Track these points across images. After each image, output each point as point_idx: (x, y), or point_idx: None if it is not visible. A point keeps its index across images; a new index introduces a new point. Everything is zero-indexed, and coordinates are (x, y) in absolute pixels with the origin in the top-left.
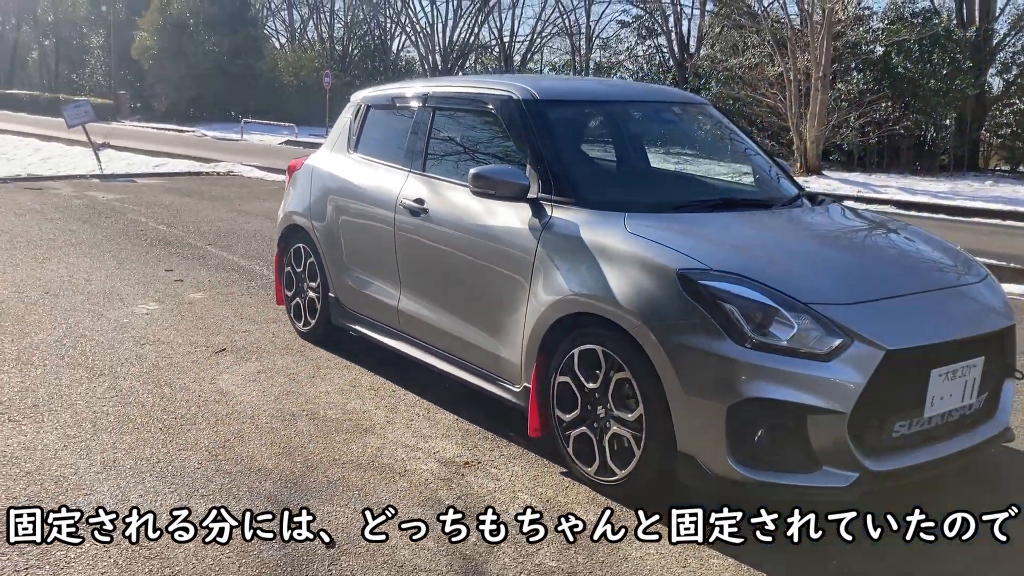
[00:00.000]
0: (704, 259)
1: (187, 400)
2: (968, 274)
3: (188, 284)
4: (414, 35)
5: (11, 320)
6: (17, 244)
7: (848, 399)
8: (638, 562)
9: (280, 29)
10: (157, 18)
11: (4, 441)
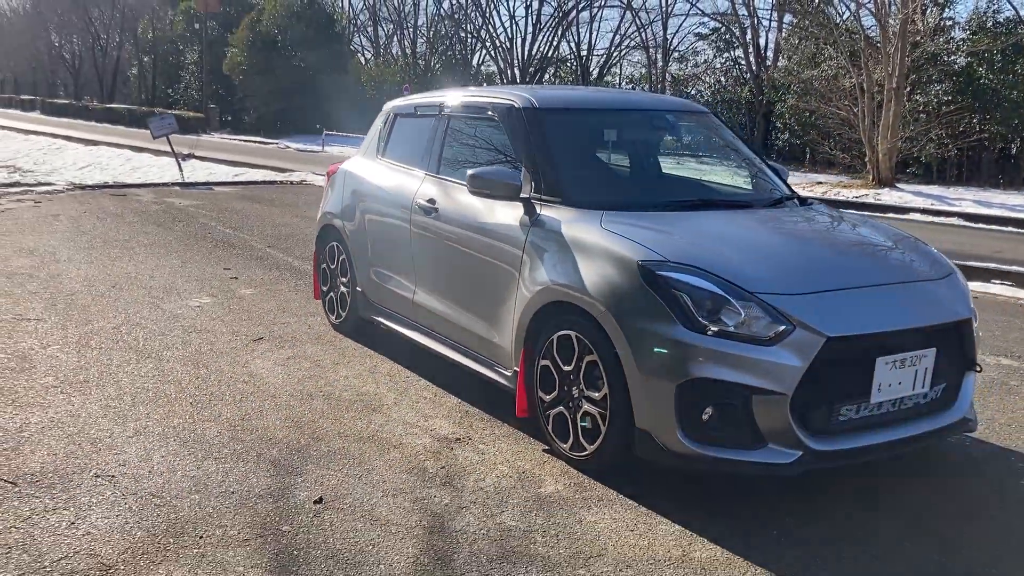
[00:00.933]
0: (664, 252)
1: (219, 380)
2: (929, 271)
3: (241, 281)
4: (493, 50)
5: (78, 309)
6: (95, 244)
7: (790, 381)
8: (591, 525)
9: (366, 44)
10: (247, 35)
11: (55, 409)
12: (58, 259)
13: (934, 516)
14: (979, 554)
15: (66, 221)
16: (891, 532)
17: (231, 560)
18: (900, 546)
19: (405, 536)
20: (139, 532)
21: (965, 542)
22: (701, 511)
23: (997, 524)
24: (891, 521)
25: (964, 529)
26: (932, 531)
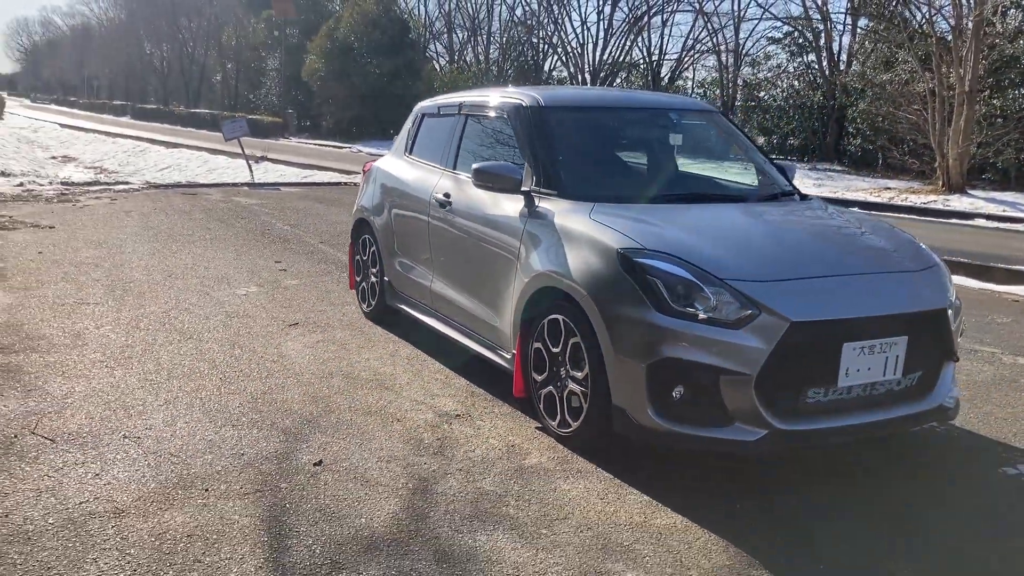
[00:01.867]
0: (643, 240)
1: (250, 359)
2: (907, 263)
3: (289, 273)
4: (565, 55)
5: (134, 295)
6: (159, 238)
7: (754, 363)
8: (563, 492)
9: (441, 51)
10: (325, 42)
11: (98, 380)
12: (123, 251)
13: (900, 499)
14: (936, 536)
15: (137, 217)
16: (851, 511)
17: (229, 509)
18: (858, 524)
19: (390, 496)
20: (152, 484)
21: (926, 524)
22: (672, 484)
23: (962, 509)
24: (854, 501)
25: (928, 512)
26: (895, 513)
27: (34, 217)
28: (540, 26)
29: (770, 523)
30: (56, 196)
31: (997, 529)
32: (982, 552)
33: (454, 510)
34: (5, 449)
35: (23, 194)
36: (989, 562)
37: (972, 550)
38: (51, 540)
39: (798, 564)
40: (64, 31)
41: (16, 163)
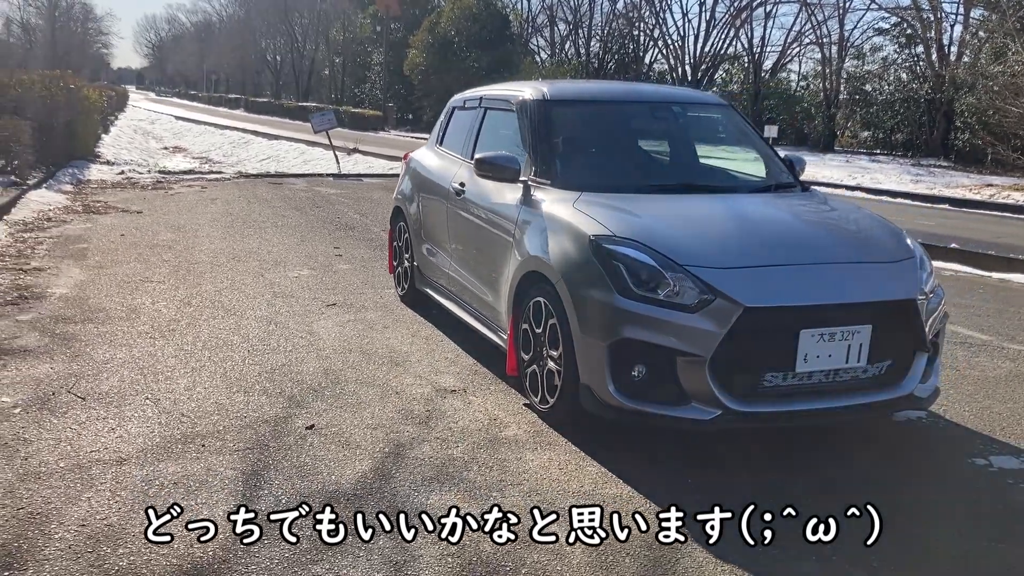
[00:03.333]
0: (614, 228)
1: (280, 335)
2: (881, 255)
3: (344, 258)
4: (665, 48)
5: (194, 276)
6: (235, 224)
7: (708, 346)
8: (526, 462)
9: (543, 45)
10: (426, 37)
11: (139, 349)
12: (198, 235)
13: (854, 481)
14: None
15: (220, 204)
16: (800, 490)
17: (217, 463)
18: (803, 502)
19: (365, 458)
20: (158, 439)
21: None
22: (633, 459)
23: (913, 494)
24: (807, 481)
25: (876, 495)
26: (843, 493)
27: (126, 203)
28: (641, 19)
29: (714, 497)
30: (152, 184)
31: (937, 513)
32: (915, 534)
33: (418, 472)
34: (41, 404)
35: (123, 181)
36: (916, 543)
37: (908, 532)
38: (57, 480)
39: (726, 535)
40: (188, 27)
41: (127, 153)
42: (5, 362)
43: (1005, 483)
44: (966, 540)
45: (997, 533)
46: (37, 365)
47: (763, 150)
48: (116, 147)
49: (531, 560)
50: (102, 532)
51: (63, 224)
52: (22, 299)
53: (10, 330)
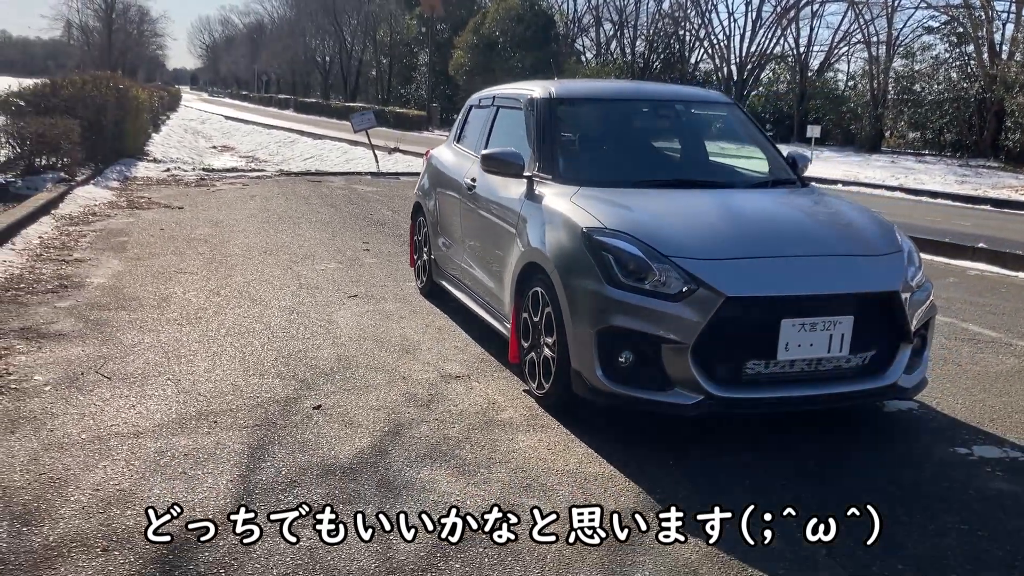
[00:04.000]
0: (606, 220)
1: (301, 323)
2: (865, 248)
3: (371, 252)
4: (710, 47)
5: (226, 268)
6: (270, 219)
7: (690, 333)
8: (517, 442)
9: (588, 45)
10: (471, 37)
11: (166, 335)
12: (234, 230)
13: (833, 467)
14: (842, 498)
15: (259, 200)
16: (779, 474)
17: (226, 438)
18: (782, 485)
19: (365, 436)
20: (174, 415)
21: (840, 486)
22: (621, 441)
23: (889, 478)
24: (785, 465)
25: (854, 478)
26: (820, 477)
27: (169, 199)
28: (687, 19)
29: (693, 477)
30: (195, 181)
31: (907, 497)
32: (881, 514)
33: (413, 450)
34: (70, 383)
35: (168, 179)
36: (892, 526)
37: (902, 522)
38: (78, 450)
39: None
40: (240, 29)
41: (176, 151)
42: (41, 344)
43: (983, 471)
44: (930, 522)
45: (962, 517)
46: (70, 348)
47: (765, 147)
48: (165, 145)
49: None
50: (114, 496)
51: (107, 218)
52: (62, 288)
53: (48, 316)
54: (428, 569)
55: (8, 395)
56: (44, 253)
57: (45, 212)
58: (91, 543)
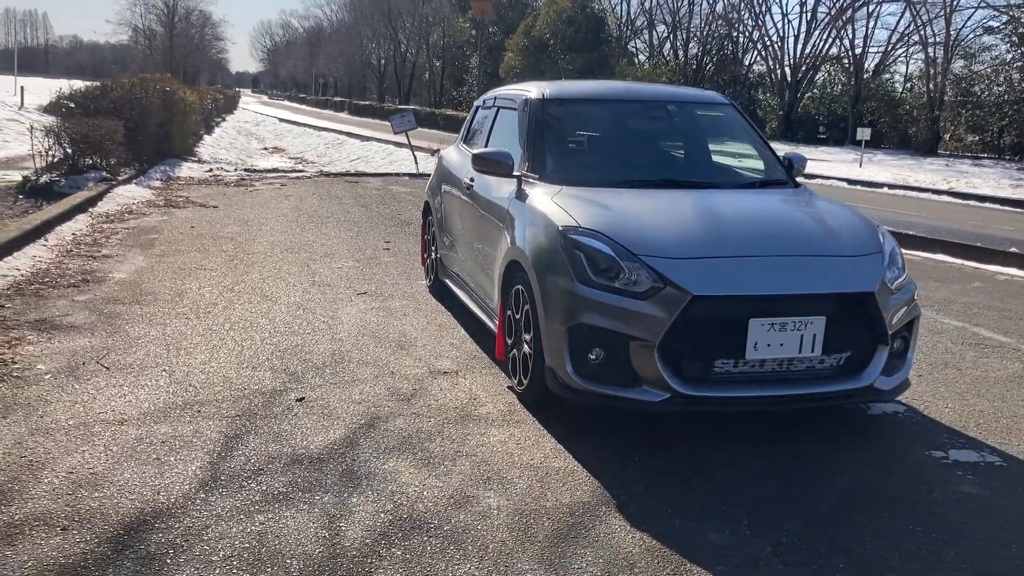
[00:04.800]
0: (581, 220)
1: (305, 319)
2: (842, 248)
3: (390, 252)
4: (764, 49)
5: (246, 265)
6: (299, 219)
7: (656, 331)
8: (489, 436)
9: (641, 47)
10: (522, 40)
11: (172, 328)
12: (262, 228)
13: (804, 467)
14: (808, 501)
15: (293, 200)
16: (746, 474)
17: (205, 427)
18: (747, 484)
19: (340, 427)
20: (161, 404)
21: (803, 487)
22: (590, 437)
23: (858, 480)
24: (756, 466)
25: (816, 478)
26: (787, 476)
27: (206, 198)
28: (740, 20)
29: (654, 475)
30: (235, 181)
31: (870, 497)
32: (840, 513)
33: (384, 442)
34: (70, 372)
35: (209, 179)
36: (836, 522)
37: (833, 512)
38: (62, 436)
39: (649, 507)
40: (300, 32)
41: (225, 152)
42: (51, 336)
43: (953, 474)
44: (885, 524)
45: (919, 520)
46: (78, 339)
47: (761, 148)
48: (215, 147)
49: (456, 519)
50: (85, 479)
51: (141, 216)
52: (84, 282)
53: (65, 308)
54: (370, 555)
55: (8, 383)
56: (74, 249)
57: (82, 210)
58: (53, 522)
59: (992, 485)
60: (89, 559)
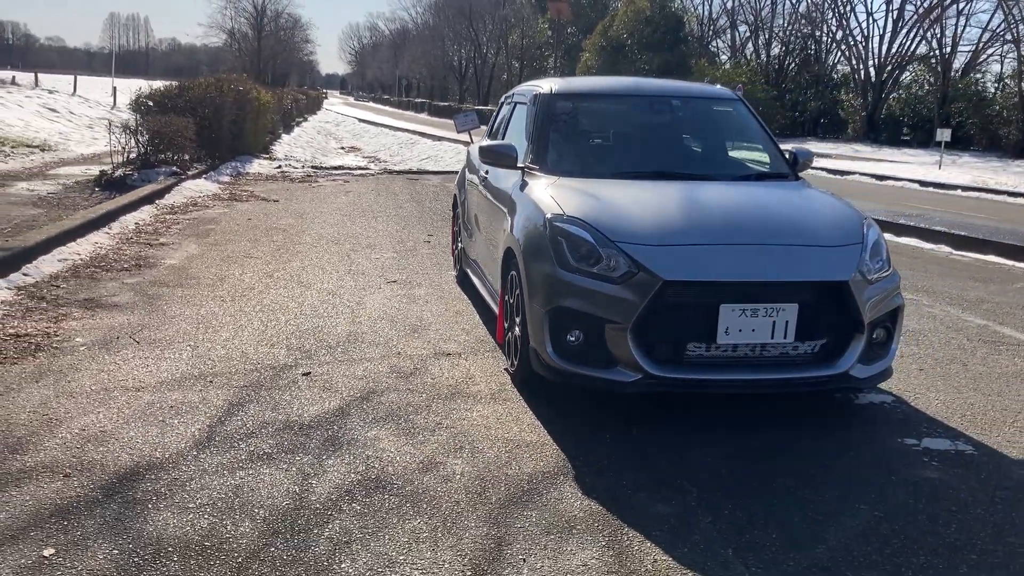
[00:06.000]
0: (567, 208)
1: (332, 304)
2: (822, 239)
3: (430, 244)
4: (847, 49)
5: (290, 254)
6: (353, 213)
7: (630, 315)
8: (473, 412)
9: (723, 47)
10: (599, 40)
11: (206, 309)
12: (314, 221)
13: (763, 448)
14: (771, 483)
15: (351, 196)
16: (708, 455)
17: (212, 395)
18: (705, 464)
19: (336, 400)
20: (178, 374)
21: (765, 468)
22: (568, 416)
23: (824, 459)
24: (721, 445)
25: (779, 459)
26: (749, 456)
27: (269, 193)
28: (824, 20)
29: (620, 451)
30: (301, 178)
31: (832, 479)
32: (798, 494)
33: (373, 413)
34: (103, 345)
35: (277, 175)
36: (791, 501)
37: (790, 491)
38: (83, 399)
39: (606, 479)
40: (386, 35)
41: (301, 151)
42: (95, 313)
43: (919, 460)
44: (835, 503)
45: (870, 500)
46: (118, 316)
47: (765, 142)
48: (291, 145)
49: (419, 482)
50: (94, 435)
51: (204, 209)
52: (136, 267)
53: (113, 289)
54: (331, 508)
55: (47, 352)
56: (134, 237)
57: (148, 202)
58: (57, 470)
59: (953, 471)
60: (81, 502)
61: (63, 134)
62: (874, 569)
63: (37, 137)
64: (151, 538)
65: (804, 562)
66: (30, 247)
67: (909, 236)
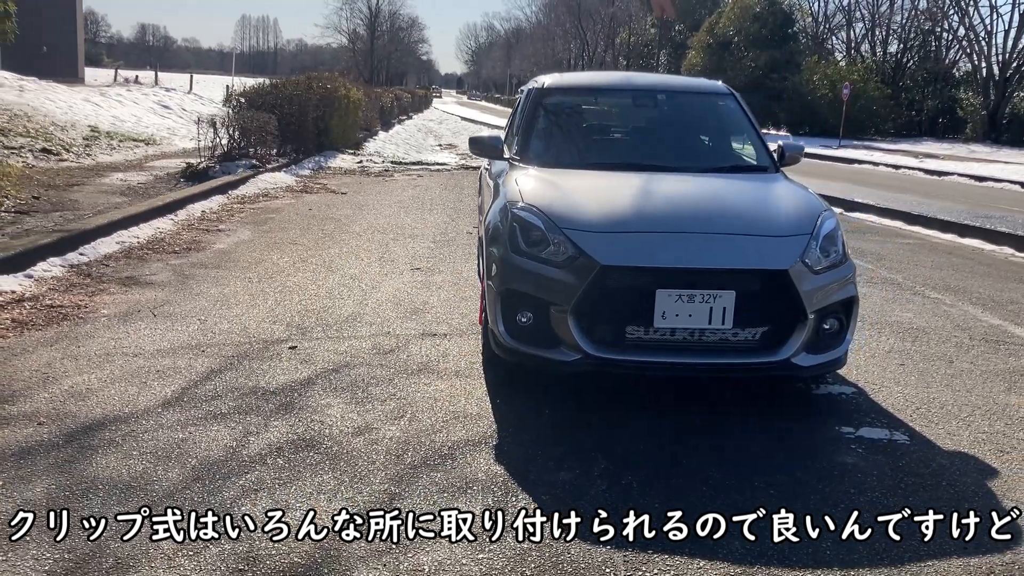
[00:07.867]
0: (527, 196)
1: (349, 287)
2: (770, 229)
3: (473, 235)
4: (969, 45)
5: (332, 242)
6: (411, 206)
7: (568, 297)
8: (431, 387)
9: (837, 44)
10: (705, 37)
11: (231, 287)
12: (370, 212)
13: (692, 429)
14: (703, 469)
15: (418, 190)
16: (641, 439)
17: (200, 363)
18: (648, 447)
19: (308, 371)
20: (178, 344)
21: (687, 450)
22: (520, 394)
23: (740, 445)
24: (661, 429)
25: (704, 442)
26: (684, 440)
27: (340, 186)
28: (945, 16)
29: (551, 428)
30: (377, 172)
31: (745, 461)
32: (705, 472)
33: (336, 383)
34: (123, 317)
35: (355, 169)
36: (697, 477)
37: (698, 470)
38: (84, 361)
39: (523, 451)
40: (501, 34)
41: (394, 148)
42: (129, 289)
43: (846, 448)
44: (740, 483)
45: (773, 481)
46: (148, 292)
47: (752, 135)
48: (385, 142)
49: (347, 443)
50: (79, 391)
51: (273, 199)
52: (187, 250)
53: (155, 268)
54: (256, 461)
55: (72, 321)
56: (196, 224)
57: (221, 192)
58: (34, 419)
59: (873, 459)
60: (43, 445)
61: (171, 129)
62: (735, 539)
63: (145, 132)
64: (87, 477)
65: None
66: (89, 230)
67: (973, 237)
